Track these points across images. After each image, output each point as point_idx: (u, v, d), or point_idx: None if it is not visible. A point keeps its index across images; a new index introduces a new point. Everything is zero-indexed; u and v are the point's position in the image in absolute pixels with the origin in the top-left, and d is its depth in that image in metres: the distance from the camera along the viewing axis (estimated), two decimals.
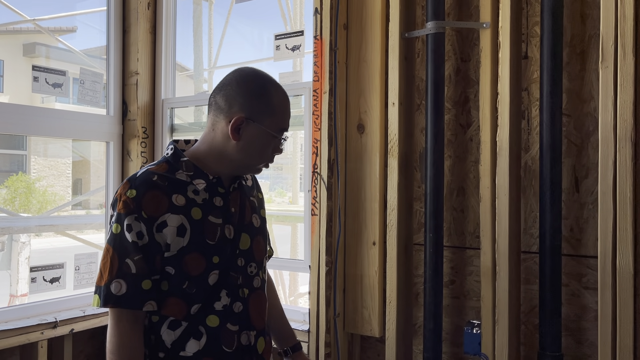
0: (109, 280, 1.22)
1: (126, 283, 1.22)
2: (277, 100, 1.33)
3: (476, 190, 1.97)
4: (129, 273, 1.22)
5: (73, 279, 2.60)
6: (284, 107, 1.35)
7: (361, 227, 2.14)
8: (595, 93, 1.75)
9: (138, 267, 1.23)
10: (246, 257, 1.37)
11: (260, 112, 1.31)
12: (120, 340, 1.22)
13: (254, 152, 1.32)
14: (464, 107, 2.01)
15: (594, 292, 1.75)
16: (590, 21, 1.76)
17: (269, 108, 1.31)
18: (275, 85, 1.35)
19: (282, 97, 1.35)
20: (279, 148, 1.36)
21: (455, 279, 2.02)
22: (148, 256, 1.24)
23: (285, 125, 1.36)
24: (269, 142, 1.33)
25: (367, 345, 2.23)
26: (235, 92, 1.31)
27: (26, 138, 9.27)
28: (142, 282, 1.23)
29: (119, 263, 1.23)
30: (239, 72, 1.35)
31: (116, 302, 1.22)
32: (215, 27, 4.83)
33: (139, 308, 1.23)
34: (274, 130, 1.32)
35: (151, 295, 1.24)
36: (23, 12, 3.42)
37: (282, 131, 1.35)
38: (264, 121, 1.31)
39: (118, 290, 1.22)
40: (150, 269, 1.24)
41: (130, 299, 1.22)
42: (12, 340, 2.21)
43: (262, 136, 1.31)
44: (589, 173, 1.77)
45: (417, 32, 2.00)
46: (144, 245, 1.23)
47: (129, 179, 1.29)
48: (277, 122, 1.33)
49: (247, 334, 1.34)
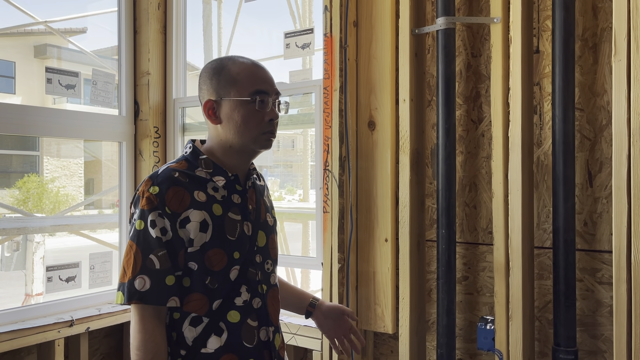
0: (133, 276, 1.23)
1: (150, 279, 1.23)
2: (235, 69, 1.33)
3: (488, 186, 1.96)
4: (153, 269, 1.23)
5: (88, 278, 2.63)
6: (247, 71, 1.33)
7: (373, 224, 2.15)
8: (608, 87, 1.74)
9: (162, 263, 1.23)
10: (263, 254, 1.39)
11: (223, 87, 1.33)
12: (145, 336, 1.22)
13: (242, 126, 1.31)
14: (475, 102, 2.00)
15: (609, 287, 1.74)
16: (603, 14, 1.75)
17: (230, 79, 1.33)
18: (233, 58, 1.36)
19: (240, 65, 1.34)
20: (268, 110, 1.32)
21: (468, 275, 2.02)
22: (172, 252, 1.25)
23: (256, 86, 1.32)
24: (247, 109, 1.31)
25: (380, 341, 2.24)
26: (202, 82, 1.37)
27: (39, 139, 9.36)
28: (166, 278, 1.24)
29: (142, 259, 1.24)
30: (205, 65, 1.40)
31: (140, 298, 1.22)
32: (225, 26, 4.84)
33: (163, 304, 1.23)
34: (245, 95, 1.31)
35: (175, 291, 1.25)
36: (34, 14, 3.45)
37: (256, 93, 1.31)
38: (229, 93, 1.32)
39: (142, 286, 1.22)
40: (173, 264, 1.25)
41: (154, 294, 1.22)
42: (30, 339, 2.24)
43: (236, 107, 1.31)
44: (602, 167, 1.76)
45: (427, 28, 2.00)
46: (167, 241, 1.24)
47: (150, 176, 1.30)
48: (245, 87, 1.31)
49: (265, 330, 1.36)
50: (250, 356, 1.31)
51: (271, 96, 1.34)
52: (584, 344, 1.78)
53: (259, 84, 1.33)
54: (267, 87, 1.33)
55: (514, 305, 1.78)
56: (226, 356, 1.28)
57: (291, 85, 2.47)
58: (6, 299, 6.87)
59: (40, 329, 2.27)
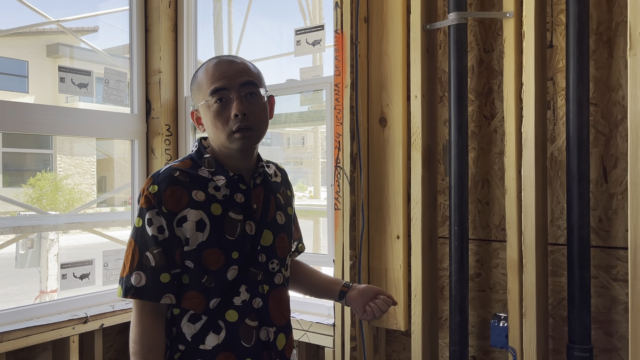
0: (130, 271, 1.27)
1: (145, 275, 1.26)
2: (200, 74, 1.34)
3: (501, 182, 1.95)
4: (149, 266, 1.26)
5: (102, 275, 2.65)
6: (206, 73, 1.32)
7: (385, 221, 2.14)
8: (623, 81, 1.72)
9: (157, 261, 1.26)
10: (268, 253, 1.38)
11: (195, 95, 1.35)
12: (141, 330, 1.27)
13: (214, 129, 1.31)
14: (487, 98, 1.98)
15: (624, 284, 1.72)
16: (617, 8, 1.73)
17: (197, 85, 1.34)
18: (205, 63, 1.35)
19: (203, 67, 1.34)
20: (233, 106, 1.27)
21: (481, 272, 2.01)
22: (168, 250, 1.27)
23: (213, 85, 1.28)
24: (211, 112, 1.29)
25: (393, 338, 2.23)
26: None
27: (52, 137, 9.45)
28: (161, 275, 1.26)
29: (139, 256, 1.27)
30: None
31: (135, 294, 1.26)
32: (235, 24, 4.86)
33: (157, 300, 1.26)
34: (206, 98, 1.30)
35: (169, 289, 1.27)
36: (47, 13, 3.49)
37: (214, 92, 1.28)
38: (199, 100, 1.33)
39: (138, 281, 1.26)
40: (169, 262, 1.27)
41: (149, 291, 1.26)
42: (45, 336, 2.26)
43: (205, 112, 1.31)
44: (617, 163, 1.74)
45: (438, 24, 1.98)
46: (164, 240, 1.27)
47: (152, 175, 1.32)
48: (205, 89, 1.30)
49: (266, 330, 1.35)
50: (247, 356, 1.31)
51: (233, 91, 1.28)
52: (598, 341, 1.77)
53: (216, 82, 1.29)
54: (225, 83, 1.28)
55: (527, 302, 1.77)
56: (223, 354, 1.29)
57: (302, 82, 2.47)
58: (21, 295, 6.96)
59: (55, 326, 2.30)
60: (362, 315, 1.46)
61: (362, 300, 1.47)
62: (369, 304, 1.45)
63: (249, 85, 1.30)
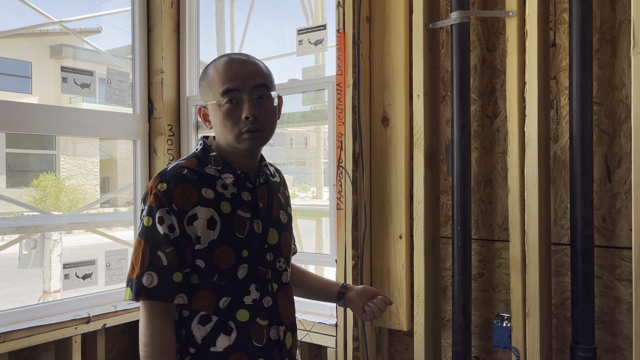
0: (141, 272, 1.23)
1: (157, 275, 1.23)
2: (211, 71, 1.33)
3: (504, 182, 1.94)
4: (161, 265, 1.23)
5: (104, 275, 2.65)
6: (218, 71, 1.31)
7: (387, 220, 2.13)
8: (627, 80, 1.71)
9: (169, 260, 1.23)
10: (275, 252, 1.38)
11: (205, 92, 1.34)
12: (153, 332, 1.23)
13: (222, 128, 1.31)
14: (490, 97, 1.98)
15: (628, 284, 1.71)
16: (621, 6, 1.72)
17: (207, 83, 1.33)
18: (216, 60, 1.35)
19: (216, 65, 1.33)
20: (244, 107, 1.27)
21: (483, 272, 2.00)
22: (179, 249, 1.25)
23: (225, 85, 1.28)
24: (222, 111, 1.29)
25: (395, 339, 2.23)
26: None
27: (55, 138, 9.48)
28: (174, 275, 1.24)
29: (150, 255, 1.24)
30: None
31: (148, 295, 1.22)
32: (237, 24, 4.86)
33: (171, 300, 1.23)
34: (218, 97, 1.29)
35: (182, 288, 1.25)
36: (50, 14, 3.49)
37: (226, 92, 1.27)
38: (209, 98, 1.32)
39: (149, 282, 1.22)
40: (181, 261, 1.25)
41: (162, 291, 1.22)
42: (48, 336, 2.27)
43: (215, 111, 1.31)
44: (621, 162, 1.73)
45: (441, 23, 1.98)
46: (175, 238, 1.24)
47: (159, 173, 1.30)
48: (217, 88, 1.30)
49: (276, 329, 1.34)
50: (259, 355, 1.30)
51: (245, 92, 1.28)
52: (602, 341, 1.76)
53: (228, 82, 1.28)
54: (238, 84, 1.28)
55: (530, 302, 1.76)
56: (235, 355, 1.27)
57: (304, 82, 2.47)
58: (24, 296, 6.98)
59: (58, 326, 2.30)
60: (362, 315, 1.47)
61: (361, 301, 1.48)
62: (368, 304, 1.46)
63: (261, 88, 1.31)
